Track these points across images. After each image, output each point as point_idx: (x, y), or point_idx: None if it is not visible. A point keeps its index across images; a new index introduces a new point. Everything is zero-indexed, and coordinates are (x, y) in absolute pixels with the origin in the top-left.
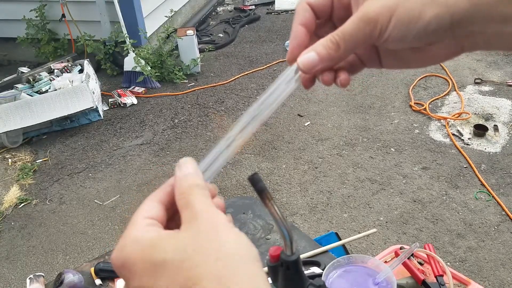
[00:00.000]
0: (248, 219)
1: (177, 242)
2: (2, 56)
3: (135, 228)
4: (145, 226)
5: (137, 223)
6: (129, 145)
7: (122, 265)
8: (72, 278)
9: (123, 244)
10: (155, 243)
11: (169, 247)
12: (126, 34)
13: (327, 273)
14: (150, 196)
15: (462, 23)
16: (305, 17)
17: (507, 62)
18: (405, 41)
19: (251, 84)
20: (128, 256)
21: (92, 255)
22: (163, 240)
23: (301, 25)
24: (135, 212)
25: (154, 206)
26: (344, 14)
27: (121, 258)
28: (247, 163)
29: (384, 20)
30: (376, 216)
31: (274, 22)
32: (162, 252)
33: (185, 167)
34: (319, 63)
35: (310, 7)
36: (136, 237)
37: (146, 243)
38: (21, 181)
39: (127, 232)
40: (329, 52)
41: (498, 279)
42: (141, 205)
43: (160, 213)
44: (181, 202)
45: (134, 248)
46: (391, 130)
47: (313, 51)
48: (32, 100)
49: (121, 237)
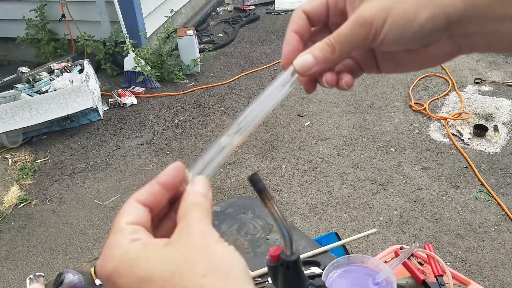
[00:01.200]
0: (248, 219)
1: (164, 256)
2: (2, 56)
3: (119, 237)
4: (130, 234)
5: (121, 231)
6: (129, 145)
7: (108, 277)
8: (72, 278)
9: (108, 255)
10: (141, 257)
11: (156, 261)
12: (126, 34)
13: (327, 273)
14: (134, 196)
15: (458, 23)
16: (298, 24)
17: (507, 62)
18: (401, 43)
19: (251, 84)
20: (113, 269)
21: (92, 255)
22: (149, 254)
23: (294, 32)
24: (118, 215)
25: (138, 208)
26: (340, 20)
27: (106, 270)
28: (247, 163)
29: (379, 22)
30: (376, 216)
31: (274, 22)
32: (149, 267)
33: (197, 185)
34: (315, 65)
35: (306, 14)
36: (121, 250)
37: (132, 256)
38: (21, 181)
39: (110, 240)
40: (325, 55)
41: (498, 279)
42: (123, 206)
43: (145, 216)
44: (181, 213)
45: (119, 262)
46: (391, 130)
47: (309, 53)
48: (32, 100)
49: (105, 246)
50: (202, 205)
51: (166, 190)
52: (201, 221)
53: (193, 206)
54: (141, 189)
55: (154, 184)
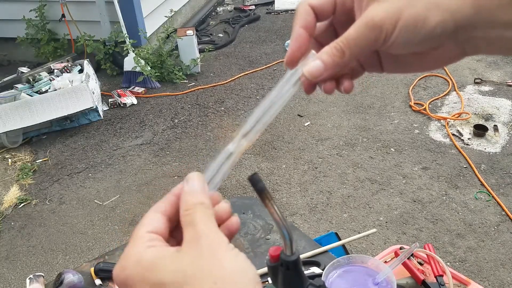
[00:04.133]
0: (248, 219)
1: (176, 264)
2: (2, 56)
3: (138, 245)
4: (147, 242)
5: (140, 239)
6: (129, 145)
7: (123, 283)
8: (72, 278)
9: (124, 263)
10: (155, 263)
11: (168, 269)
12: (126, 34)
13: (327, 273)
14: (154, 207)
15: (465, 28)
16: (306, 20)
17: (507, 62)
18: (409, 46)
19: (251, 84)
20: (128, 276)
21: (92, 255)
22: (163, 261)
23: (302, 27)
24: (138, 224)
25: (158, 218)
26: (346, 19)
27: (122, 276)
28: (247, 163)
29: (389, 26)
30: (376, 216)
31: (274, 22)
32: (161, 274)
33: (192, 182)
34: (325, 71)
35: (312, 9)
36: (137, 257)
37: (146, 264)
38: (21, 181)
39: (129, 248)
40: (334, 60)
41: (498, 279)
42: (144, 216)
43: (163, 226)
44: (185, 219)
45: (134, 269)
46: (391, 130)
47: (318, 60)
48: (32, 100)
49: (123, 254)
50: (203, 204)
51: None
52: (208, 227)
53: (194, 208)
54: (159, 201)
55: (170, 196)
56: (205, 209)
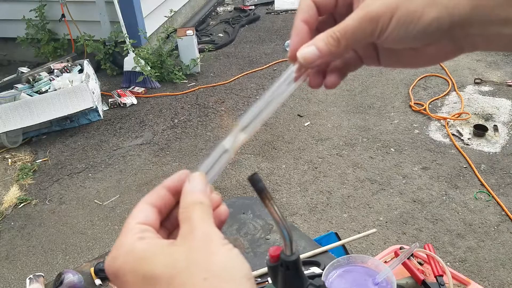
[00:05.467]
0: (248, 219)
1: (168, 256)
2: (2, 56)
3: (129, 236)
4: (139, 233)
5: (131, 230)
6: (129, 145)
7: (114, 275)
8: (72, 278)
9: (115, 254)
10: (147, 255)
11: (160, 261)
12: (126, 34)
13: (327, 273)
14: (144, 199)
15: (462, 25)
16: (308, 14)
17: (507, 62)
18: (404, 41)
19: (251, 84)
20: (120, 267)
21: (92, 255)
22: (154, 253)
23: (303, 21)
24: (129, 216)
25: (148, 209)
26: (346, 10)
27: (113, 268)
28: (247, 163)
29: (385, 20)
30: (376, 216)
31: (274, 22)
32: (153, 266)
33: (194, 182)
34: (319, 58)
35: (315, 3)
36: (128, 248)
37: (137, 255)
38: (21, 181)
39: (120, 239)
40: (329, 48)
41: (498, 279)
42: (135, 208)
43: (154, 217)
44: (183, 216)
45: (126, 260)
46: (391, 130)
47: (314, 46)
48: (32, 100)
49: (115, 245)
50: (202, 203)
51: (172, 194)
52: (204, 222)
53: (194, 206)
54: (149, 193)
55: (161, 188)
56: (203, 208)
